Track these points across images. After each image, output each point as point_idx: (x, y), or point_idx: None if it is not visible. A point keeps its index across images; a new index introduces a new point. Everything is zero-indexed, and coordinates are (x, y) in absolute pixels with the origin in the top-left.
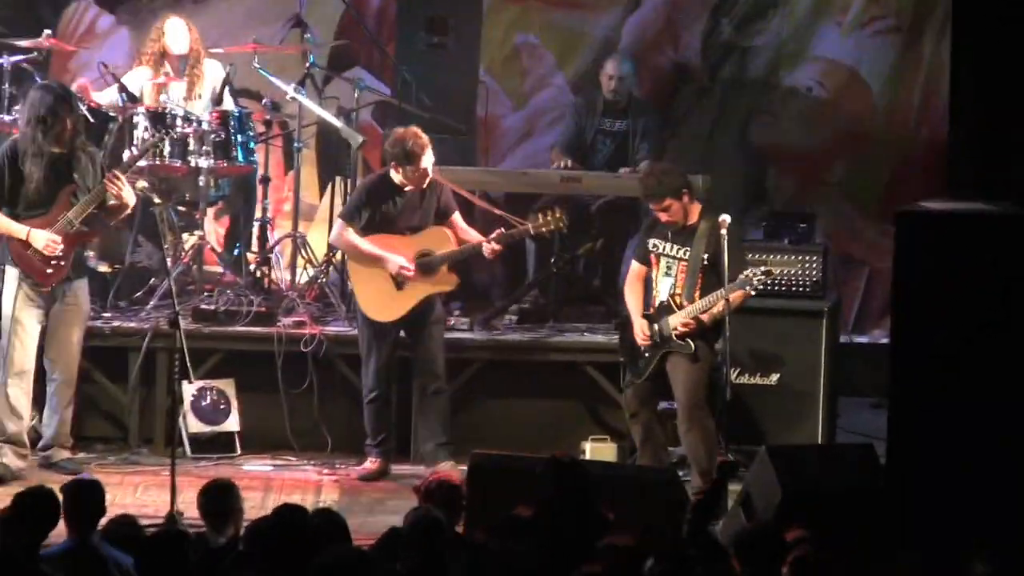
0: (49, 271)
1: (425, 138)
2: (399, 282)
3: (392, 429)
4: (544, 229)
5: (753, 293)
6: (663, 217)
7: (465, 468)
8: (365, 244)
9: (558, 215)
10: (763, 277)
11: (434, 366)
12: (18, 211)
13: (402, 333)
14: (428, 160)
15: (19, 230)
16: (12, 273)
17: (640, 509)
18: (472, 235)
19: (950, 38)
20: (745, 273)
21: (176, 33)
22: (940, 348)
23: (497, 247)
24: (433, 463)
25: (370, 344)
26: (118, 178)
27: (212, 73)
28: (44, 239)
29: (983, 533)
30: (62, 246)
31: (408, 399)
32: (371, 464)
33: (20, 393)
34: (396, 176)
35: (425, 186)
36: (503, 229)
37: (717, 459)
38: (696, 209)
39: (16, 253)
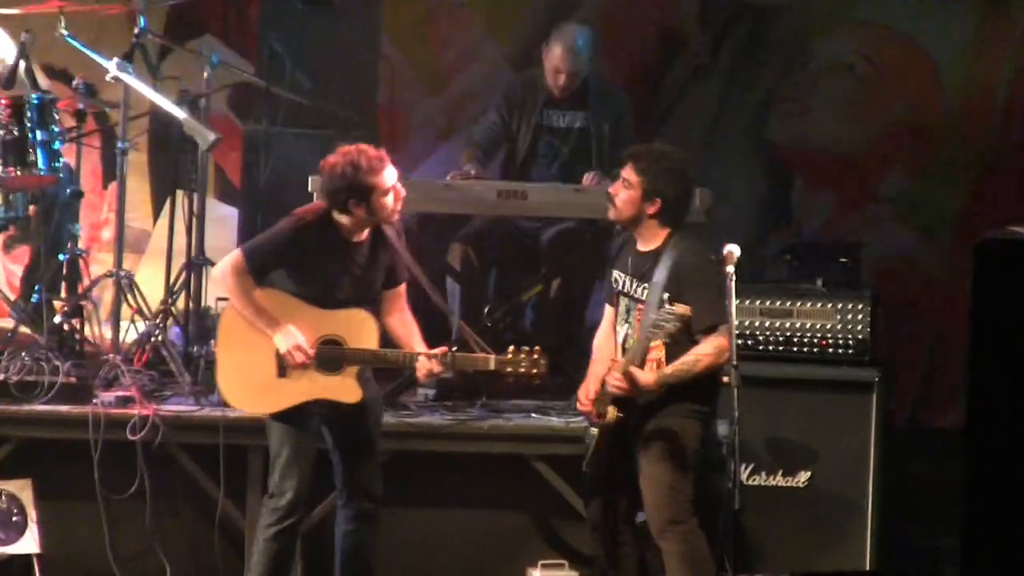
0: None
1: (380, 151)
2: (283, 367)
3: None
4: (510, 369)
5: (666, 340)
6: (612, 191)
7: None
8: (256, 300)
9: (536, 357)
10: (671, 318)
11: (372, 481)
12: None
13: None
14: (391, 177)
15: None
16: None
17: None
18: (407, 331)
19: None
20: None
21: None
22: None
23: (438, 370)
24: None
25: (287, 439)
26: None
27: None
28: None
29: None
30: None
31: None
32: None
33: None
34: (343, 220)
35: (380, 237)
36: (454, 348)
37: None
38: (661, 234)
39: None
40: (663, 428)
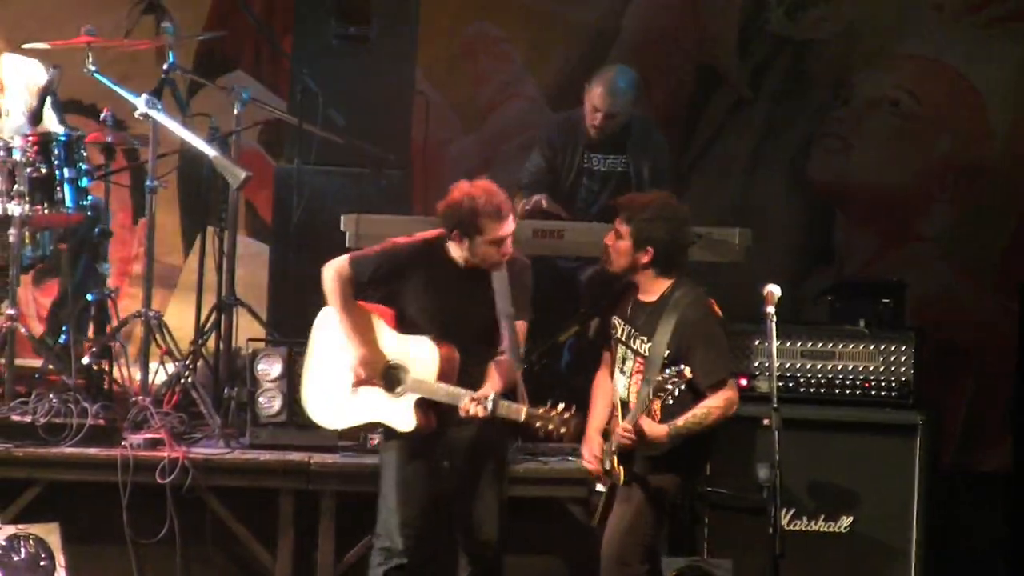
0: None
1: (507, 201)
2: (355, 382)
3: None
4: (539, 424)
5: (669, 401)
6: (607, 241)
7: None
8: (350, 307)
9: (567, 417)
10: (678, 380)
11: (483, 529)
12: None
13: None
14: (504, 229)
15: None
16: None
17: None
18: (490, 372)
19: None
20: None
21: None
22: None
23: (479, 412)
24: None
25: (397, 477)
26: None
27: (24, 79)
28: None
29: None
30: None
31: None
32: None
33: None
34: (455, 250)
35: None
36: (492, 393)
37: None
38: (661, 284)
39: None
40: (641, 477)
